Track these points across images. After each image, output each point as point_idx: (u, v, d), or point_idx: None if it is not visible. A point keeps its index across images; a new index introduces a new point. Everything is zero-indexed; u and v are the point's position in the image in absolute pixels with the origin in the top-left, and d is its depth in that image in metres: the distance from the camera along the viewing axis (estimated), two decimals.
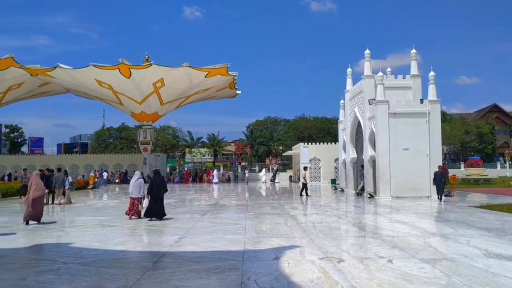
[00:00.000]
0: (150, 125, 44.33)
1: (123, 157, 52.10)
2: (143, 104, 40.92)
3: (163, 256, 7.78)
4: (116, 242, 9.31)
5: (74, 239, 9.70)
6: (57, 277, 6.35)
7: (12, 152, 71.10)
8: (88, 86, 39.40)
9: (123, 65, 35.51)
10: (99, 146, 76.29)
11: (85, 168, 48.90)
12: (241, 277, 6.24)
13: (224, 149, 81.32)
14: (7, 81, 39.94)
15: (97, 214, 15.07)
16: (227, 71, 37.07)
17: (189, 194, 26.20)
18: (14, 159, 52.98)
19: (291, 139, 70.30)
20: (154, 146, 49.25)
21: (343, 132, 30.39)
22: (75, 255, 7.89)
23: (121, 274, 6.51)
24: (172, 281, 6.05)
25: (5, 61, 37.07)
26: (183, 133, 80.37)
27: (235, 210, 16.81)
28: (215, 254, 7.92)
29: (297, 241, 9.19)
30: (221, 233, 10.46)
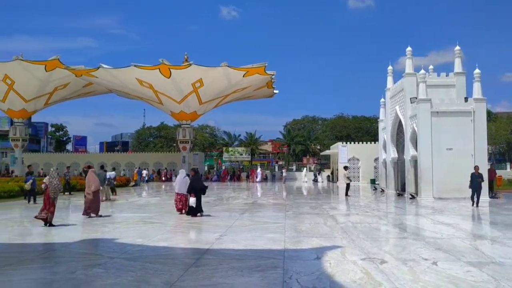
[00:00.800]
0: (189, 124, 44.97)
1: (162, 156, 53.11)
2: (182, 104, 41.57)
3: (205, 253, 7.89)
4: (158, 239, 9.52)
5: (119, 234, 9.99)
6: (104, 271, 6.57)
7: (58, 150, 74.00)
8: (129, 86, 40.40)
9: (163, 65, 36.20)
10: (139, 145, 78.13)
11: (126, 166, 50.14)
12: (283, 276, 6.25)
13: (261, 148, 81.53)
14: (53, 82, 41.57)
15: (139, 211, 15.45)
16: (264, 70, 37.12)
17: (227, 193, 26.44)
18: (59, 157, 55.02)
19: (329, 138, 69.68)
20: (193, 145, 49.93)
21: (383, 131, 29.86)
22: (120, 250, 8.13)
23: (165, 269, 6.65)
24: (214, 278, 6.14)
25: (52, 62, 38.60)
26: (221, 132, 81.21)
27: (274, 209, 16.83)
28: (256, 253, 7.97)
29: (338, 241, 9.12)
30: (260, 231, 10.51)
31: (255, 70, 37.02)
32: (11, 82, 40.44)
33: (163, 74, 37.04)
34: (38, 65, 38.94)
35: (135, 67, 36.29)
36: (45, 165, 50.12)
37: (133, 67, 36.24)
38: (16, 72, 39.24)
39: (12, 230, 11.45)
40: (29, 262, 7.21)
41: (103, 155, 57.79)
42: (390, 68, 28.78)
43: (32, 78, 40.29)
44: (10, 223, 12.66)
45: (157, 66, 36.37)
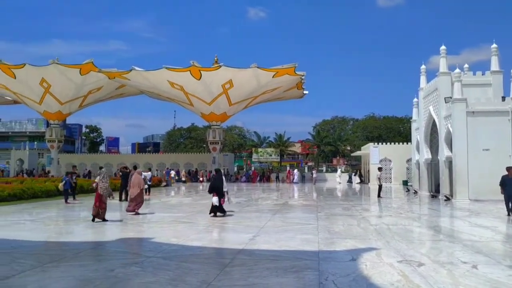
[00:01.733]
0: (218, 125, 45.29)
1: (193, 156, 53.68)
2: (212, 105, 41.92)
3: (239, 253, 7.93)
4: (192, 238, 9.63)
5: (154, 234, 10.16)
6: (141, 269, 6.69)
7: (91, 151, 75.89)
8: (161, 88, 41.06)
9: (194, 67, 36.61)
10: (170, 146, 79.23)
11: (158, 166, 50.89)
12: (319, 277, 6.21)
13: (290, 149, 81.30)
14: (87, 85, 42.64)
15: (172, 211, 15.66)
16: (294, 71, 37.02)
17: (257, 193, 26.49)
18: (93, 157, 56.39)
19: (359, 139, 68.84)
20: (223, 146, 50.26)
21: (416, 131, 29.30)
22: (156, 250, 8.26)
23: (201, 269, 6.72)
24: (250, 278, 6.16)
25: (86, 66, 39.61)
26: (250, 133, 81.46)
27: (305, 210, 16.76)
28: (290, 253, 7.95)
29: (373, 243, 8.99)
30: (293, 232, 10.48)
31: (285, 71, 36.97)
32: (47, 85, 41.70)
33: (194, 76, 37.47)
34: (73, 69, 40.01)
35: (166, 69, 36.86)
36: (80, 165, 51.43)
37: (165, 69, 36.82)
38: (52, 75, 40.44)
39: (50, 228, 11.80)
40: (68, 260, 7.41)
41: (135, 156, 58.89)
42: (423, 67, 28.23)
43: (68, 82, 41.43)
44: (48, 221, 13.05)
45: (188, 68, 36.82)
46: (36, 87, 41.91)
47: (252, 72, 37.10)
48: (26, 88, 42.17)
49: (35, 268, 6.73)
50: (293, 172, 44.04)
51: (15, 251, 8.10)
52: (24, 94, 43.66)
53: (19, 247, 8.60)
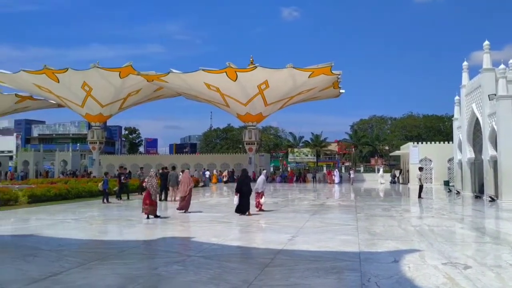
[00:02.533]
0: (254, 126, 45.43)
1: (229, 157, 54.06)
2: (248, 106, 42.09)
3: (279, 253, 7.92)
4: (232, 238, 9.70)
5: (194, 233, 10.31)
6: (183, 268, 6.79)
7: (131, 152, 77.78)
8: (197, 89, 41.59)
9: (230, 69, 36.88)
10: (206, 146, 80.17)
11: (195, 167, 51.52)
12: (361, 278, 6.12)
13: (326, 149, 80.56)
14: (127, 88, 43.72)
15: (211, 211, 15.83)
16: (330, 70, 36.66)
17: (294, 194, 26.39)
18: (133, 158, 57.69)
19: (398, 138, 67.48)
20: (259, 146, 50.39)
21: (458, 130, 28.40)
22: (196, 249, 8.37)
23: (242, 268, 6.76)
24: (291, 279, 6.14)
25: (125, 69, 40.61)
26: (285, 133, 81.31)
27: (344, 211, 16.56)
28: (330, 254, 7.88)
29: (415, 245, 8.79)
30: (332, 233, 10.38)
31: (321, 70, 36.68)
32: (89, 88, 43.02)
33: (230, 77, 37.73)
34: (113, 72, 41.09)
35: (203, 71, 37.30)
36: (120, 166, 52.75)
37: (201, 71, 37.27)
38: (93, 79, 41.69)
39: (93, 227, 12.17)
40: (113, 258, 7.61)
41: (172, 156, 59.85)
42: (465, 64, 27.29)
43: (108, 85, 42.60)
44: (91, 220, 13.46)
45: (224, 70, 37.13)
46: (78, 91, 43.32)
47: (288, 72, 37.01)
48: (69, 91, 43.65)
49: (81, 266, 6.95)
50: (334, 172, 43.44)
51: (63, 249, 8.40)
52: (67, 98, 45.21)
53: (66, 245, 8.91)
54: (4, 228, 11.06)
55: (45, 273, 6.40)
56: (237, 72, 37.31)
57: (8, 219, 13.25)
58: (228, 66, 36.72)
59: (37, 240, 9.53)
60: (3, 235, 9.93)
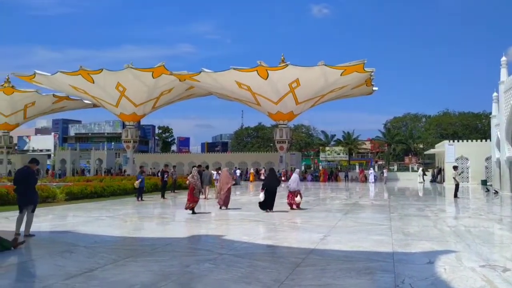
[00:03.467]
0: (285, 124, 45.31)
1: (260, 156, 54.13)
2: (279, 104, 42.01)
3: (311, 253, 7.85)
4: (263, 237, 9.69)
5: (225, 231, 10.35)
6: (215, 266, 6.82)
7: (164, 150, 79.05)
8: (228, 88, 41.82)
9: (261, 67, 36.89)
10: (238, 145, 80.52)
11: (226, 165, 51.82)
12: (394, 279, 5.99)
13: (359, 148, 79.53)
14: (159, 88, 44.45)
15: (242, 209, 15.86)
16: (363, 68, 36.13)
17: (326, 193, 26.17)
18: (166, 157, 58.58)
19: (432, 136, 65.86)
20: (290, 145, 50.23)
21: (496, 127, 27.47)
22: (228, 247, 8.41)
23: (273, 267, 6.73)
24: (324, 279, 6.07)
25: (158, 69, 41.27)
26: (317, 131, 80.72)
27: (377, 210, 16.29)
28: (363, 254, 7.75)
29: (451, 246, 8.54)
30: (365, 233, 10.21)
31: (353, 68, 36.20)
32: (123, 89, 43.97)
33: (261, 76, 37.75)
34: (146, 72, 41.84)
35: (234, 70, 37.47)
36: (153, 164, 53.74)
37: (232, 70, 37.45)
38: (127, 79, 42.57)
39: (127, 224, 12.41)
40: (146, 255, 7.74)
41: (204, 155, 60.44)
42: (504, 59, 26.34)
43: (141, 85, 43.40)
44: (125, 218, 13.72)
45: (255, 68, 37.18)
46: (112, 91, 44.33)
47: (320, 70, 36.71)
48: (104, 92, 44.73)
49: (115, 262, 7.09)
50: (367, 172, 42.75)
51: (98, 246, 8.59)
52: (102, 98, 46.34)
53: (101, 241, 9.12)
54: (43, 225, 11.42)
55: (81, 269, 6.57)
56: (268, 70, 37.31)
57: (46, 216, 13.68)
58: (259, 64, 36.75)
59: (73, 236, 9.79)
60: (42, 232, 10.24)
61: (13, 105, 49.92)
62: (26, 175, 9.58)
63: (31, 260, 7.67)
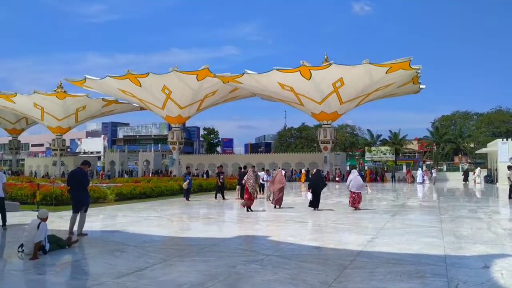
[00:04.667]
0: (329, 124, 44.83)
1: (304, 156, 53.82)
2: (322, 104, 41.62)
3: (358, 255, 7.70)
4: (309, 238, 9.60)
5: (271, 232, 10.34)
6: (261, 267, 6.82)
7: (208, 152, 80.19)
8: (271, 89, 41.84)
9: (304, 67, 36.68)
10: (281, 146, 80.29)
11: (270, 166, 51.86)
12: (448, 284, 5.77)
13: (406, 147, 77.43)
14: (204, 90, 45.10)
15: (288, 210, 15.78)
16: (409, 65, 35.17)
17: (372, 194, 25.59)
18: (210, 158, 59.42)
19: (484, 135, 63.09)
20: (334, 145, 49.63)
21: None
22: (273, 248, 8.39)
23: (320, 269, 6.65)
24: (372, 282, 5.94)
25: (202, 72, 41.89)
26: (361, 131, 79.29)
27: (426, 212, 15.79)
28: (413, 257, 7.51)
29: (508, 250, 8.15)
30: (415, 235, 9.91)
31: (399, 65, 35.31)
32: (168, 91, 44.94)
33: (304, 76, 37.54)
34: (191, 75, 42.56)
35: (276, 71, 37.45)
36: (198, 165, 54.64)
37: (275, 71, 37.43)
38: (172, 82, 43.47)
39: (175, 224, 12.66)
40: (193, 255, 7.85)
41: (248, 156, 60.75)
42: None
43: (186, 87, 44.20)
44: (173, 218, 13.99)
45: (298, 68, 37.00)
46: (158, 94, 45.41)
47: (364, 69, 36.06)
48: (150, 95, 45.89)
49: (164, 262, 7.23)
50: (418, 172, 41.52)
51: (146, 245, 8.80)
52: (148, 101, 47.57)
53: (150, 241, 9.33)
54: (95, 224, 11.82)
55: (131, 268, 6.74)
56: (311, 70, 37.04)
57: (98, 215, 14.17)
58: (301, 64, 36.55)
59: (123, 236, 10.08)
60: (94, 231, 10.61)
61: (65, 109, 52.15)
62: (79, 177, 9.96)
63: (84, 259, 7.96)
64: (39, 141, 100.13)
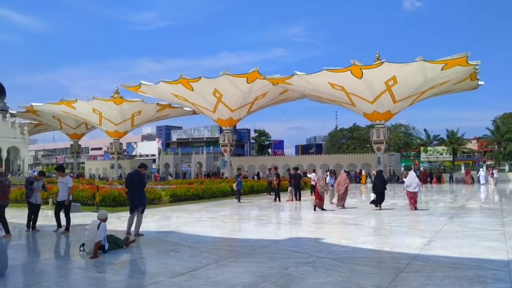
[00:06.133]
0: (382, 124, 43.75)
1: (356, 157, 52.86)
2: (375, 103, 40.69)
3: (414, 258, 7.47)
4: (362, 241, 9.42)
5: (323, 234, 10.24)
6: (314, 269, 6.76)
7: (259, 153, 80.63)
8: (322, 90, 41.41)
9: (355, 66, 36.03)
10: (332, 147, 79.33)
11: (321, 167, 51.34)
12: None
13: (464, 147, 74.15)
14: (254, 92, 45.39)
15: (339, 212, 15.59)
16: (466, 61, 33.68)
17: (428, 195, 24.73)
18: (261, 160, 59.63)
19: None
20: (388, 145, 48.38)
21: None
22: (326, 250, 8.30)
23: (374, 272, 6.51)
24: (429, 286, 5.74)
25: (252, 74, 42.16)
26: (416, 131, 76.78)
27: (487, 214, 15.06)
28: (473, 262, 7.18)
29: None
30: (475, 238, 9.48)
31: (455, 61, 33.89)
32: (219, 95, 45.63)
33: (355, 75, 36.87)
34: (241, 78, 42.99)
35: (326, 71, 37.03)
36: (249, 167, 54.98)
37: (325, 71, 37.02)
38: (223, 86, 44.09)
39: (227, 225, 12.82)
40: (246, 256, 7.91)
41: (298, 157, 60.47)
42: None
43: (236, 90, 44.69)
44: (225, 219, 14.19)
45: (348, 68, 36.40)
46: (210, 97, 46.19)
47: (418, 66, 34.91)
48: (202, 98, 46.77)
49: (217, 262, 7.35)
50: (479, 172, 39.58)
51: (200, 246, 8.97)
52: (200, 104, 48.51)
53: (203, 242, 9.51)
54: (151, 225, 12.20)
55: (185, 268, 6.90)
56: (362, 69, 36.33)
57: (153, 216, 14.61)
58: (352, 64, 35.94)
59: (178, 236, 10.34)
60: (150, 231, 10.95)
61: (122, 114, 54.19)
62: (136, 179, 10.32)
63: (141, 258, 8.23)
64: (97, 145, 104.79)
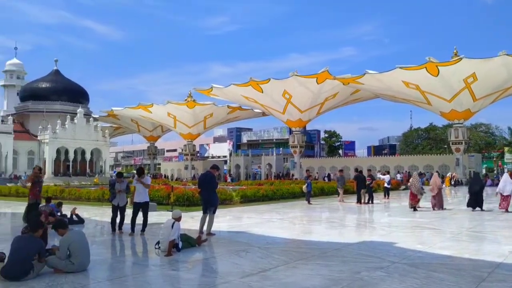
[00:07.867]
0: (461, 124, 41.45)
1: (432, 158, 50.53)
2: (453, 102, 38.65)
3: (497, 267, 6.96)
4: (440, 246, 8.94)
5: (396, 239, 9.84)
6: (387, 275, 6.51)
7: (330, 155, 79.62)
8: (395, 89, 40.04)
9: (430, 63, 34.46)
10: (407, 148, 76.40)
11: (395, 169, 49.62)
12: None
13: None
14: (324, 93, 44.89)
15: (414, 216, 14.95)
16: None
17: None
18: (331, 161, 58.88)
19: None
20: (467, 146, 45.72)
21: None
22: (400, 255, 7.97)
23: (452, 280, 6.14)
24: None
25: (322, 75, 41.69)
26: (499, 130, 71.82)
27: None
28: None
29: None
30: None
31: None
32: (289, 96, 45.65)
33: (430, 73, 35.28)
34: (310, 79, 42.66)
35: (400, 69, 35.76)
36: (319, 169, 54.46)
37: (398, 69, 35.77)
38: (292, 87, 44.05)
39: (297, 227, 12.77)
40: (316, 259, 7.80)
41: (371, 158, 58.94)
42: None
43: (306, 91, 44.44)
44: (295, 221, 14.15)
45: (423, 65, 34.89)
46: (279, 99, 46.37)
47: (501, 61, 32.67)
48: (272, 100, 47.07)
49: (287, 264, 7.31)
50: None
51: (270, 247, 8.99)
52: (270, 106, 48.84)
53: (273, 243, 9.52)
54: (222, 225, 12.43)
55: (255, 268, 6.94)
56: (438, 66, 34.65)
57: (225, 216, 14.88)
58: (428, 61, 34.38)
59: (248, 236, 10.44)
60: (221, 231, 11.17)
61: (195, 117, 55.96)
62: (209, 180, 10.57)
63: (213, 257, 8.39)
64: (172, 147, 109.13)
